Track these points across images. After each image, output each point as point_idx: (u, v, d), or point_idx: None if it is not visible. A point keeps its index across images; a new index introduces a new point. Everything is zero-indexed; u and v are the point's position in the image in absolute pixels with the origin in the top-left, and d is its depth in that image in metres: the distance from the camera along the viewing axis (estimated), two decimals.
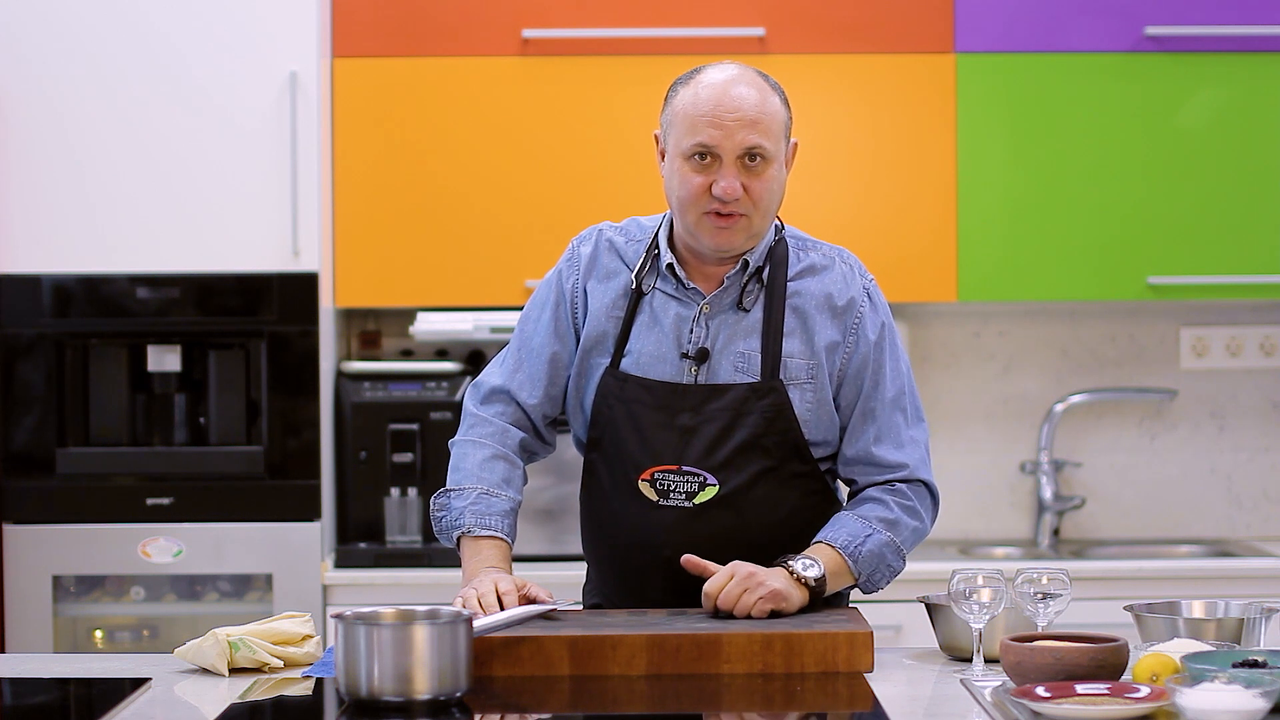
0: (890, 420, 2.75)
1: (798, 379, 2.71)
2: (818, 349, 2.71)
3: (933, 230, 4.23)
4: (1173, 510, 4.59)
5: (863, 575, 2.68)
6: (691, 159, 2.65)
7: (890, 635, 3.89)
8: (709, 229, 2.67)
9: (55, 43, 4.00)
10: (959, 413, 4.58)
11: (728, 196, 2.63)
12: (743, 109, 2.63)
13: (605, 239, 2.81)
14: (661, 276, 2.75)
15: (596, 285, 2.78)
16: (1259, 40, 4.23)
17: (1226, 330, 4.57)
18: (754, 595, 2.54)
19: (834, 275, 2.75)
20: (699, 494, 2.70)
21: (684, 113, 2.66)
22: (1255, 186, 4.25)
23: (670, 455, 2.70)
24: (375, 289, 4.21)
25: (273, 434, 4.02)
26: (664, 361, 2.72)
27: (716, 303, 2.73)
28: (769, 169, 2.66)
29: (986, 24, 4.22)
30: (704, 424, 2.70)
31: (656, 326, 2.73)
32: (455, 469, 2.78)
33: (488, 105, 4.21)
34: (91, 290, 4.00)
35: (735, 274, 2.72)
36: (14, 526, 4.00)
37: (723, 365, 2.71)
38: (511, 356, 2.83)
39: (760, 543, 2.70)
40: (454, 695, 2.26)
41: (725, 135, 2.63)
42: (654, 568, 2.72)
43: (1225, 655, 2.24)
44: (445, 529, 2.74)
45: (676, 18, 4.21)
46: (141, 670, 2.54)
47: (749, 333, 2.72)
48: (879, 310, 2.76)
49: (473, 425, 2.81)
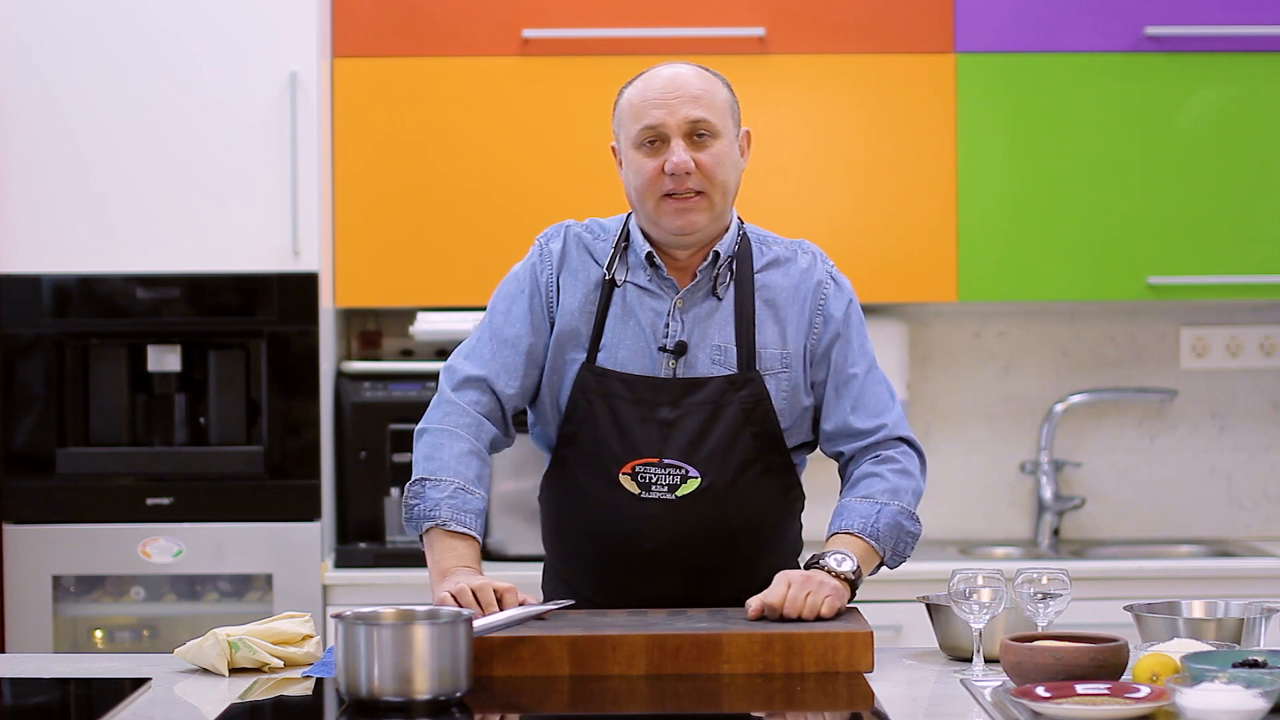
0: (864, 390, 2.79)
1: (772, 369, 2.76)
2: (789, 338, 2.77)
3: (933, 230, 4.23)
4: (1173, 510, 4.59)
5: (887, 551, 2.71)
6: (642, 146, 2.72)
7: (890, 635, 3.89)
8: (669, 212, 2.71)
9: (56, 43, 4.00)
10: (959, 413, 4.58)
11: (679, 170, 2.68)
12: (683, 87, 2.72)
13: (574, 234, 2.83)
14: (633, 270, 2.78)
15: (568, 280, 2.80)
16: (1259, 40, 4.23)
17: (1226, 330, 4.57)
18: (819, 595, 2.55)
19: (798, 265, 2.82)
20: (681, 486, 2.72)
21: (629, 105, 2.75)
22: (1255, 186, 4.25)
23: (651, 448, 2.73)
24: (375, 289, 4.21)
25: (273, 434, 4.02)
26: (641, 355, 2.75)
27: (690, 296, 2.76)
28: (717, 144, 2.72)
29: (986, 24, 4.22)
30: (684, 417, 2.73)
31: (631, 320, 2.76)
32: (430, 457, 2.73)
33: (488, 105, 4.21)
34: (91, 290, 4.00)
35: (706, 266, 2.76)
36: (14, 526, 4.00)
37: (700, 359, 2.75)
38: (484, 346, 2.80)
39: (740, 534, 2.76)
40: (454, 695, 2.26)
41: (669, 113, 2.70)
42: (636, 560, 2.73)
43: (1225, 655, 2.24)
44: (417, 518, 2.69)
45: (676, 18, 4.21)
46: (141, 670, 2.54)
47: (723, 325, 2.76)
48: (844, 291, 2.83)
49: (448, 413, 2.76)
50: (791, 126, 4.24)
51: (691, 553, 2.73)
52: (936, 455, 4.56)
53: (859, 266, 4.23)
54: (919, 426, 4.54)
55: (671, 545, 2.72)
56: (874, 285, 4.23)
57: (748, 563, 2.80)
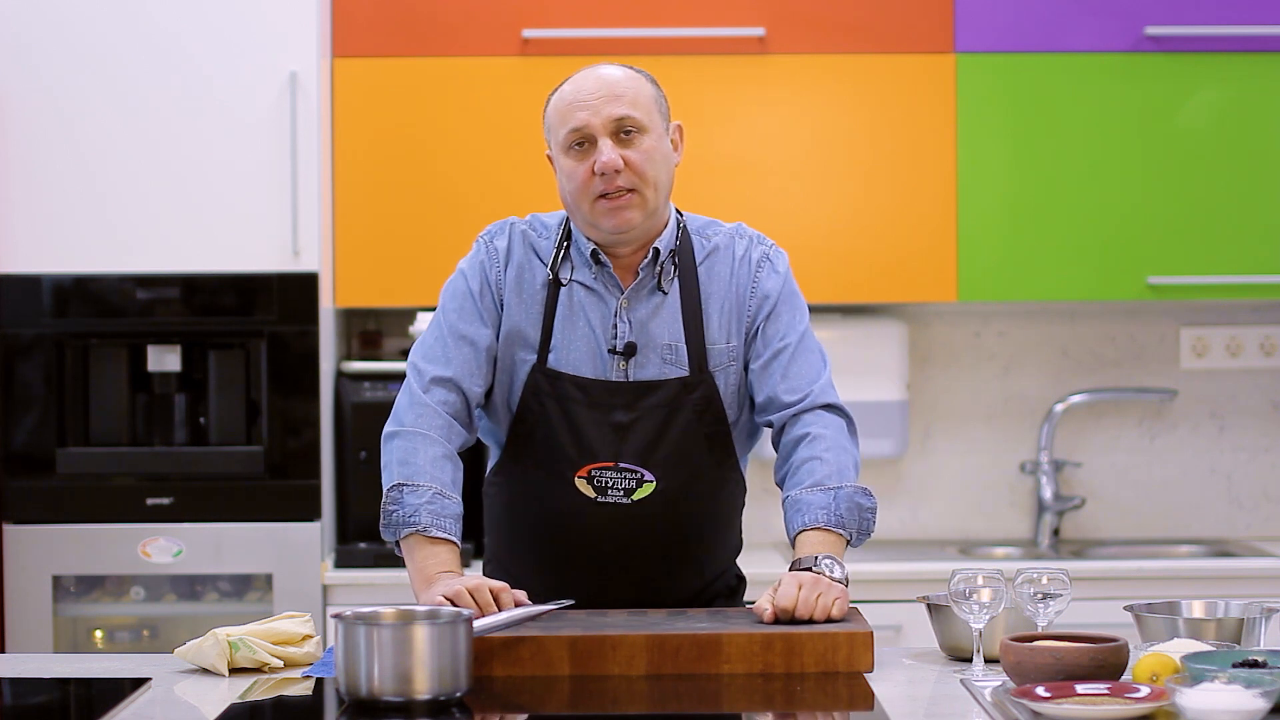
0: (793, 360, 2.78)
1: (721, 364, 2.77)
2: (732, 330, 2.78)
3: (933, 230, 4.23)
4: (1173, 510, 4.59)
5: (853, 534, 2.70)
6: (570, 150, 2.71)
7: (890, 635, 3.89)
8: (603, 212, 2.71)
9: (56, 43, 4.00)
10: (959, 413, 4.57)
11: (608, 169, 2.67)
12: (604, 86, 2.71)
13: (518, 231, 2.83)
14: (577, 268, 2.78)
15: (515, 277, 2.79)
16: (1259, 40, 4.23)
17: (1226, 330, 4.57)
18: (828, 596, 2.55)
19: (736, 251, 2.81)
20: (637, 490, 2.73)
21: (555, 111, 2.75)
22: (1255, 186, 4.25)
23: (607, 452, 2.73)
24: (375, 289, 4.21)
25: (273, 434, 4.02)
26: (593, 357, 2.75)
27: (635, 295, 2.76)
28: (645, 140, 2.70)
29: (986, 24, 4.22)
30: (639, 420, 2.73)
31: (580, 321, 2.76)
32: (405, 462, 2.69)
33: (488, 105, 4.21)
34: (91, 290, 4.00)
35: (648, 264, 2.76)
36: (14, 526, 4.00)
37: (650, 359, 2.75)
38: (443, 345, 2.77)
39: (692, 535, 2.79)
40: (454, 695, 2.26)
41: (593, 113, 2.69)
42: (589, 563, 2.73)
43: (1225, 655, 2.24)
44: (395, 524, 2.66)
45: (676, 18, 4.21)
46: (141, 670, 2.54)
47: (671, 323, 2.76)
48: (779, 267, 2.82)
49: (420, 415, 2.73)
50: (791, 126, 4.24)
51: (645, 555, 2.75)
52: (936, 455, 4.57)
53: (859, 266, 4.24)
54: (919, 426, 4.54)
55: (626, 548, 2.74)
56: (874, 285, 4.24)
57: (698, 562, 2.83)
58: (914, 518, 4.55)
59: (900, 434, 4.40)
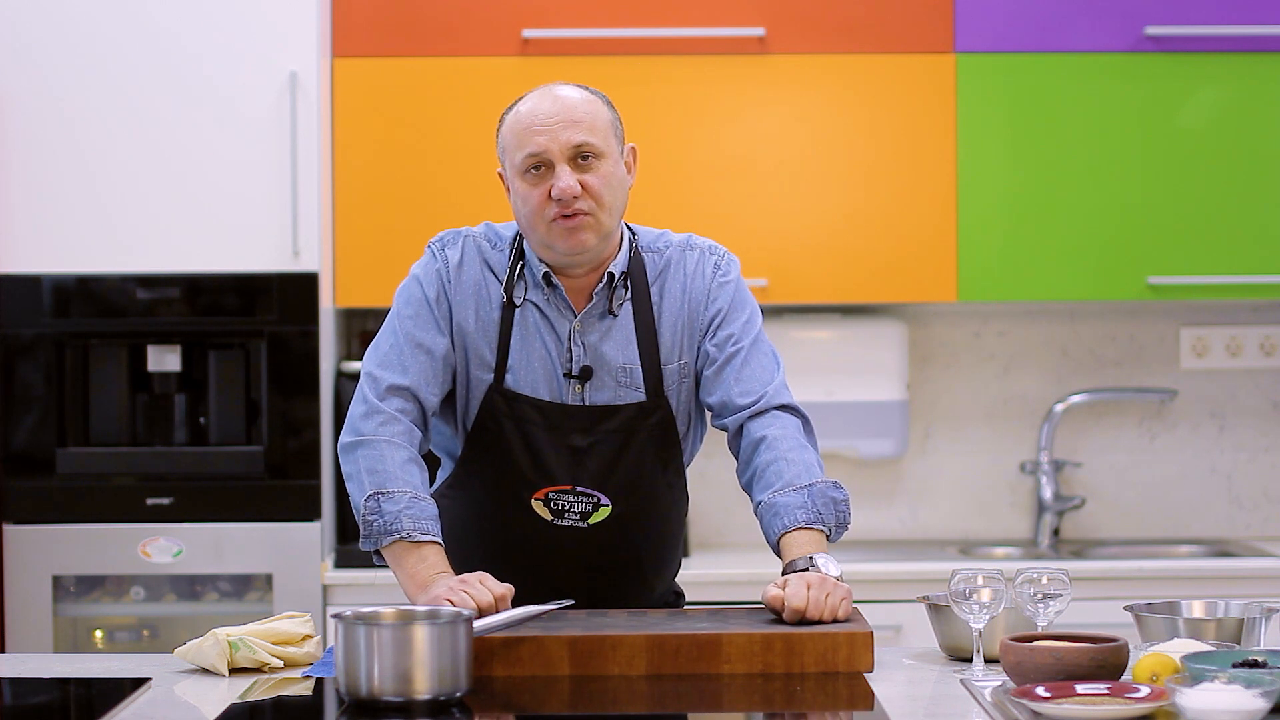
0: (746, 363, 2.77)
1: (673, 384, 2.77)
2: (683, 347, 2.78)
3: (933, 230, 4.23)
4: (1173, 510, 4.59)
5: (832, 529, 2.70)
6: (527, 174, 2.70)
7: (890, 635, 3.89)
8: (559, 233, 2.69)
9: (56, 43, 4.00)
10: (959, 413, 4.58)
11: (566, 195, 2.66)
12: (562, 110, 2.70)
13: (472, 244, 2.81)
14: (530, 289, 2.76)
15: (466, 291, 2.77)
16: (1259, 40, 4.23)
17: (1226, 330, 4.57)
18: (836, 596, 2.55)
19: (687, 266, 2.81)
20: (593, 514, 2.75)
21: (511, 132, 2.74)
22: (1255, 186, 4.25)
23: (564, 475, 2.74)
24: (375, 289, 4.20)
25: (273, 434, 4.02)
26: (550, 380, 2.74)
27: (587, 319, 2.76)
28: (603, 165, 2.70)
29: (986, 24, 4.22)
30: (597, 444, 2.74)
31: (536, 342, 2.75)
32: (375, 470, 2.68)
33: (488, 105, 4.18)
34: (91, 290, 4.00)
35: (602, 289, 2.75)
36: (14, 526, 4.00)
37: (606, 382, 2.75)
38: (399, 353, 2.74)
39: (644, 555, 2.81)
40: (454, 695, 2.26)
41: (551, 138, 2.68)
42: (541, 583, 2.70)
43: (1225, 655, 2.24)
44: (377, 533, 2.66)
45: (676, 18, 4.21)
46: (141, 670, 2.54)
47: (625, 345, 2.75)
48: (730, 275, 2.82)
49: (382, 422, 2.71)
50: (791, 126, 4.24)
51: (598, 576, 2.77)
52: (936, 455, 4.57)
53: (859, 266, 4.24)
54: (919, 426, 4.54)
55: (580, 569, 2.75)
56: (874, 285, 4.24)
57: (647, 580, 2.85)
58: (914, 518, 4.55)
59: (900, 434, 4.40)
